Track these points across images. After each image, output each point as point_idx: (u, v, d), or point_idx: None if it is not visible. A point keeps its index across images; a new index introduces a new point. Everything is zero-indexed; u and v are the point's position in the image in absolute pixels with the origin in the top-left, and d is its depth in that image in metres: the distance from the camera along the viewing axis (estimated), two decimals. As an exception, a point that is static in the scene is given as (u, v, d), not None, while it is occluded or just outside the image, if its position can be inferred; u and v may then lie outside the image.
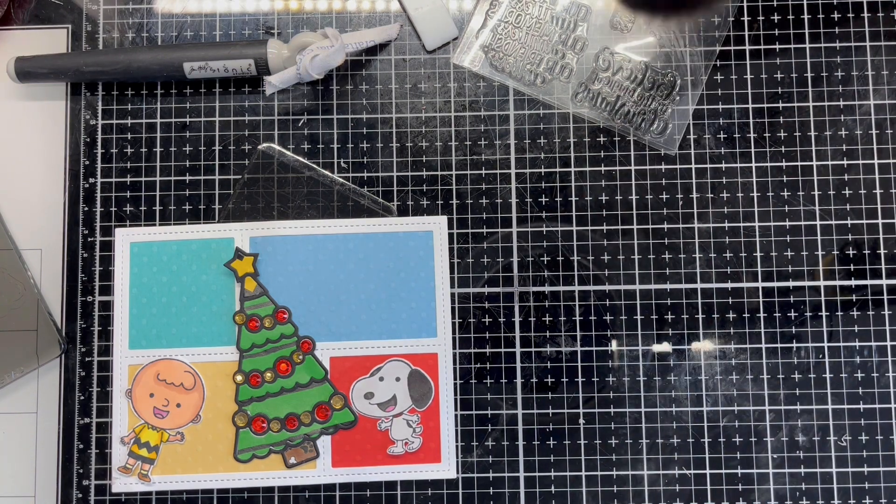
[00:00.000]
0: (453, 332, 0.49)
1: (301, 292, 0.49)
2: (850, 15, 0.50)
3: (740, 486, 0.48)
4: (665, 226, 0.50)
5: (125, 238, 0.49)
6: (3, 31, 0.52)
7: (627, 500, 0.48)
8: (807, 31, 0.50)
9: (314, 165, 0.50)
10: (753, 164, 0.50)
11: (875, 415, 0.48)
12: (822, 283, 0.49)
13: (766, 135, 0.50)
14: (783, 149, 0.50)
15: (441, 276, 0.49)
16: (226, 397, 0.48)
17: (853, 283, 0.49)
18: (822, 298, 0.49)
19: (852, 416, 0.48)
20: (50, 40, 0.52)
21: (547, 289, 0.50)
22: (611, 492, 0.48)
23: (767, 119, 0.50)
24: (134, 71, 0.49)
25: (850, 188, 0.49)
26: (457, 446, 0.48)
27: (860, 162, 0.50)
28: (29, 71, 0.50)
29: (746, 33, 0.50)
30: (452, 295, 0.49)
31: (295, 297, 0.49)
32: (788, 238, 0.49)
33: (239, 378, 0.48)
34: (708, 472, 0.48)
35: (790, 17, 0.51)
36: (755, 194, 0.50)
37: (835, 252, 0.49)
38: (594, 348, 0.49)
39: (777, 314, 0.49)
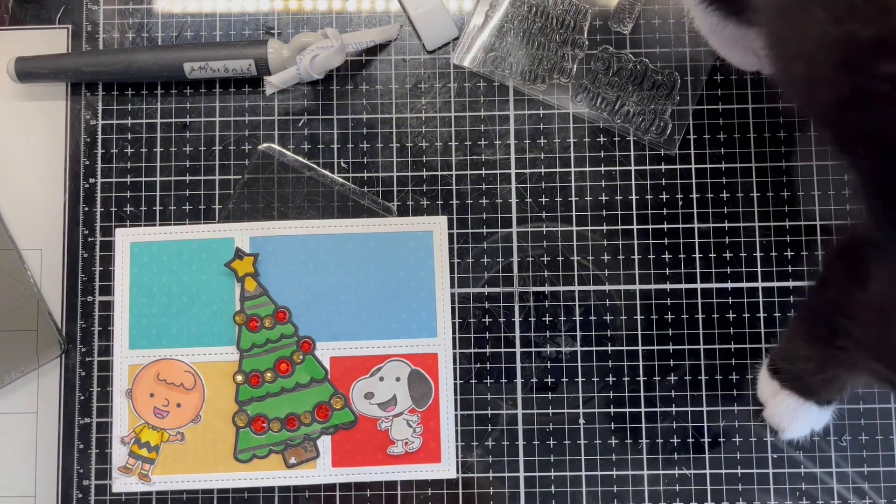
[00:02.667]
0: (453, 332, 0.49)
1: (301, 292, 0.49)
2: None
3: (740, 486, 0.48)
4: (665, 226, 0.50)
5: (125, 238, 0.49)
6: (3, 31, 0.52)
7: (627, 500, 0.48)
8: (807, 31, 0.50)
9: (314, 165, 0.50)
10: (753, 164, 0.50)
11: (875, 415, 0.48)
12: (821, 283, 0.49)
13: (766, 135, 0.50)
14: (783, 149, 0.50)
15: (441, 276, 0.49)
16: (226, 397, 0.48)
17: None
18: (822, 298, 0.49)
19: (852, 416, 0.48)
20: (50, 40, 0.52)
21: (547, 289, 0.50)
22: (611, 492, 0.48)
23: (767, 119, 0.50)
24: (134, 71, 0.49)
25: (850, 188, 0.49)
26: (457, 446, 0.48)
27: (860, 162, 0.50)
28: (29, 71, 0.50)
29: (746, 33, 0.50)
30: (452, 295, 0.49)
31: (295, 297, 0.49)
32: (788, 238, 0.49)
33: (239, 378, 0.48)
34: (708, 472, 0.48)
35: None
36: (755, 194, 0.50)
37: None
38: (594, 348, 0.49)
39: (777, 314, 0.49)
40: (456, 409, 0.49)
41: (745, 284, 0.49)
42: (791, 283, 0.49)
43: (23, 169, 0.51)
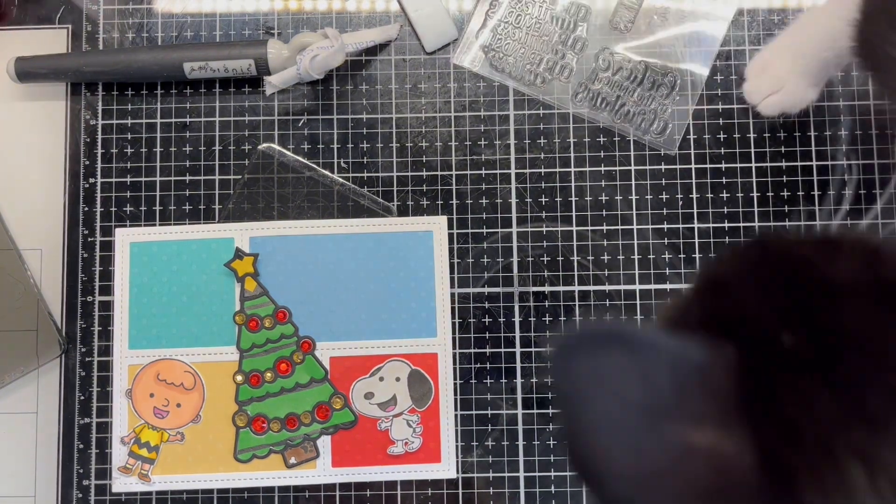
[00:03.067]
0: (453, 332, 0.49)
1: (301, 292, 0.49)
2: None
3: (740, 486, 0.48)
4: (665, 226, 0.50)
5: (125, 238, 0.49)
6: (3, 31, 0.52)
7: (627, 500, 0.48)
8: (807, 31, 0.50)
9: (314, 165, 0.50)
10: (753, 164, 0.50)
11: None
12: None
13: (766, 135, 0.50)
14: (783, 149, 0.50)
15: (441, 276, 0.49)
16: (226, 397, 0.48)
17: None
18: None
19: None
20: (50, 40, 0.52)
21: (547, 289, 0.50)
22: (611, 492, 0.48)
23: (767, 119, 0.50)
24: (134, 71, 0.49)
25: (850, 188, 0.49)
26: (457, 446, 0.48)
27: (860, 162, 0.50)
28: (29, 71, 0.50)
29: (746, 33, 0.50)
30: (452, 295, 0.49)
31: (295, 297, 0.49)
32: (788, 238, 0.49)
33: (239, 378, 0.48)
34: (708, 472, 0.48)
35: (789, 17, 0.51)
36: (755, 194, 0.50)
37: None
38: (594, 348, 0.49)
39: (777, 314, 0.49)
40: (456, 409, 0.49)
41: (745, 284, 0.49)
42: (791, 283, 0.49)
43: (23, 169, 0.51)
